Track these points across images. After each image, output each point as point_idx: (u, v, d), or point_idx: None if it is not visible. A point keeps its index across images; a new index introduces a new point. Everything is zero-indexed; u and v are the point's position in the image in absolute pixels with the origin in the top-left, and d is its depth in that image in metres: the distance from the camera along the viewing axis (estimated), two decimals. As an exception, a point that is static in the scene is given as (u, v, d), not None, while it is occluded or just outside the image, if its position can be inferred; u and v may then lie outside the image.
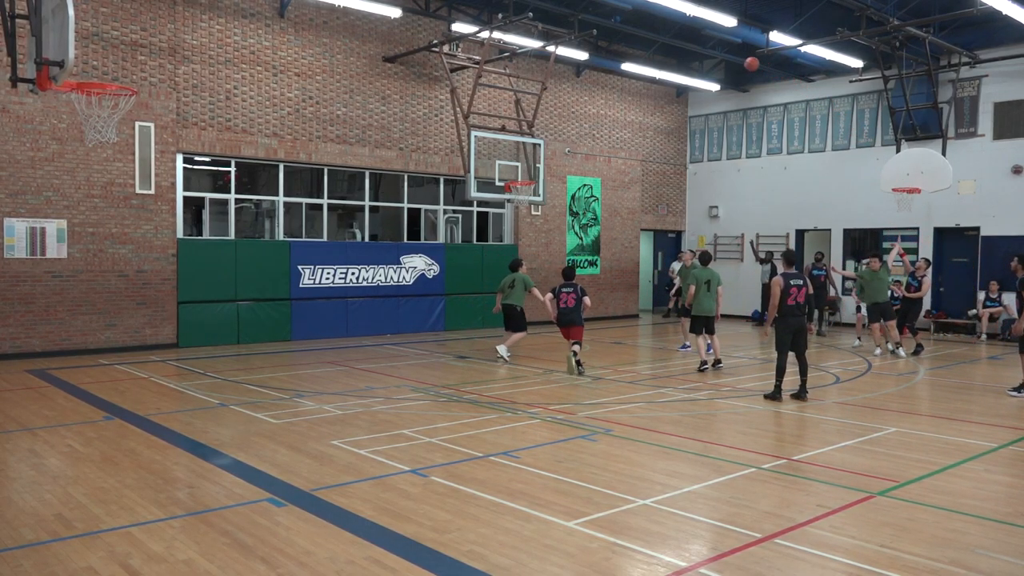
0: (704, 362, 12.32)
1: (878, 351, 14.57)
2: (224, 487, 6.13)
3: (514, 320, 13.42)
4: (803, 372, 9.97)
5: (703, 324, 12.52)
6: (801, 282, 9.90)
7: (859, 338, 15.78)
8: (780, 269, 10.84)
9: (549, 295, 12.70)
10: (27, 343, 12.91)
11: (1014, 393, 10.31)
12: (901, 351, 14.24)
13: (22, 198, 12.77)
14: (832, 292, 19.22)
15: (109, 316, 13.65)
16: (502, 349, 13.06)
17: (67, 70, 7.04)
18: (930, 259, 16.63)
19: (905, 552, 4.87)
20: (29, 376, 11.21)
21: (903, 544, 5.00)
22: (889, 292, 14.46)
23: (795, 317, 9.86)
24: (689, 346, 14.47)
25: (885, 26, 15.20)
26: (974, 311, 17.63)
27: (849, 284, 19.35)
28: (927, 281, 14.88)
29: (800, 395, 9.87)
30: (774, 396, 9.83)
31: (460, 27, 17.02)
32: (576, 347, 11.92)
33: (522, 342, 14.03)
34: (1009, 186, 17.76)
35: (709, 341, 12.52)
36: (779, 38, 16.89)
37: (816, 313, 17.88)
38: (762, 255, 21.05)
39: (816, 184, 20.99)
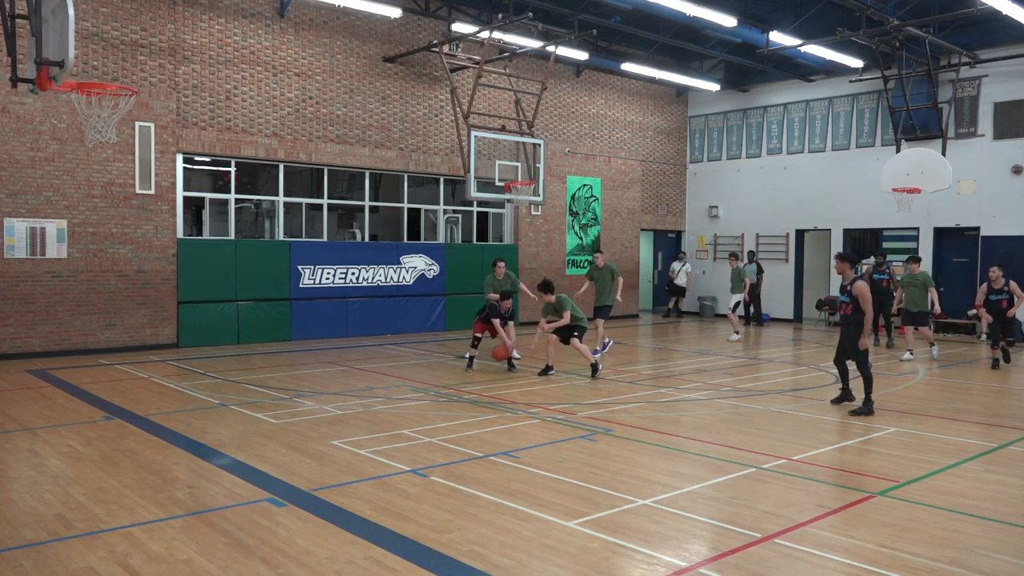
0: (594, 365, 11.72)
1: (907, 355, 13.87)
2: (224, 487, 6.13)
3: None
4: (847, 376, 9.55)
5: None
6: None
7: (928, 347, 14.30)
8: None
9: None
10: (27, 343, 12.91)
11: None
12: (935, 350, 14.01)
13: (22, 198, 12.77)
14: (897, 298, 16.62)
15: (109, 316, 13.65)
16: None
17: (67, 70, 7.03)
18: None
19: (905, 552, 4.87)
20: (29, 376, 11.21)
21: (903, 544, 5.00)
22: (930, 303, 13.85)
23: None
24: (608, 343, 13.95)
25: (885, 26, 15.19)
26: (974, 311, 17.61)
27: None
28: (1016, 289, 12.92)
29: (845, 399, 9.47)
30: (865, 410, 9.02)
31: (460, 27, 17.01)
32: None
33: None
34: (1009, 186, 17.75)
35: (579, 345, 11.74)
36: (779, 38, 16.88)
37: (881, 321, 15.85)
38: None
39: (816, 184, 20.98)
